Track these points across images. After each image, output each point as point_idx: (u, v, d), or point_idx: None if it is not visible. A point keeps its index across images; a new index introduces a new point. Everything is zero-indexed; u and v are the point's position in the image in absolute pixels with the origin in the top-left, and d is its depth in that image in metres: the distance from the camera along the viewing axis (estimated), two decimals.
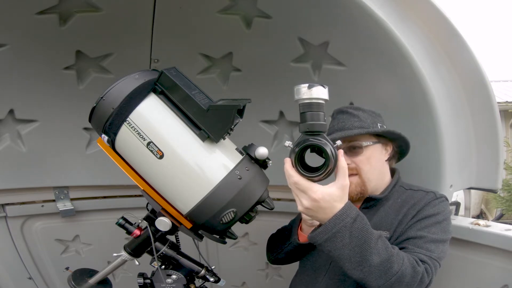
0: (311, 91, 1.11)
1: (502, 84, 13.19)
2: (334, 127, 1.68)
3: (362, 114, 1.67)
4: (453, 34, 1.82)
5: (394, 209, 1.59)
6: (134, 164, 1.28)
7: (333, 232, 1.17)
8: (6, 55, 1.93)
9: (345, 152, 1.59)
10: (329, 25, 1.89)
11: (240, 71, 2.25)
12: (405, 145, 1.72)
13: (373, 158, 1.63)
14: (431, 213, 1.51)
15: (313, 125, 1.12)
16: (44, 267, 2.60)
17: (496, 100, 1.97)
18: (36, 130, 2.25)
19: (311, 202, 1.14)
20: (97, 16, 1.90)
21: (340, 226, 1.16)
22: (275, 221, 1.88)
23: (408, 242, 1.44)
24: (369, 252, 1.20)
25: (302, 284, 1.71)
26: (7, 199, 2.39)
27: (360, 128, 1.62)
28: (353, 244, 1.18)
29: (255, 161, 1.27)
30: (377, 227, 1.55)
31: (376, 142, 1.65)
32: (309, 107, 1.12)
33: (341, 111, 1.71)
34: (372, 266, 1.21)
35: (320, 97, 1.12)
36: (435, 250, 1.42)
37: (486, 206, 9.82)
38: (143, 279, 1.46)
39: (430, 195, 1.59)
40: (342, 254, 1.20)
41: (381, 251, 1.22)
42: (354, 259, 1.20)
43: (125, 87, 1.22)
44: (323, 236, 1.18)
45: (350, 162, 1.58)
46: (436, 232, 1.47)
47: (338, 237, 1.17)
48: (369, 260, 1.20)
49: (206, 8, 1.95)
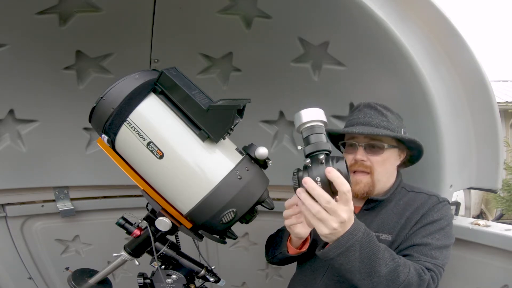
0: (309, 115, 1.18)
1: (502, 84, 13.19)
2: (360, 119, 1.65)
3: (390, 115, 1.66)
4: (453, 34, 1.82)
5: (397, 211, 1.59)
6: (134, 164, 1.28)
7: (347, 247, 1.20)
8: (6, 55, 1.93)
9: (364, 148, 1.60)
10: (329, 25, 1.89)
11: (240, 71, 2.25)
12: (417, 156, 1.72)
13: (388, 161, 1.63)
14: (435, 219, 1.52)
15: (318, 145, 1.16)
16: (44, 267, 2.60)
17: (496, 100, 1.98)
18: (36, 130, 2.25)
19: (338, 224, 1.15)
20: (97, 16, 1.90)
21: (353, 241, 1.20)
22: (275, 221, 1.87)
23: (413, 249, 1.46)
24: (377, 263, 1.24)
25: (301, 285, 1.71)
26: (7, 199, 2.39)
27: (387, 129, 1.60)
28: (363, 257, 1.22)
29: (255, 161, 1.26)
30: (379, 229, 1.55)
31: (395, 147, 1.65)
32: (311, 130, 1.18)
33: (370, 105, 1.68)
34: (381, 277, 1.25)
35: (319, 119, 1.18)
36: (440, 257, 1.45)
37: (486, 206, 9.81)
38: (143, 279, 1.46)
39: (433, 199, 1.59)
40: (353, 267, 1.23)
41: (388, 262, 1.27)
42: (364, 271, 1.24)
43: (125, 87, 1.22)
44: (336, 251, 1.21)
45: (366, 159, 1.60)
46: (440, 238, 1.49)
47: (350, 251, 1.21)
48: (378, 271, 1.24)
49: (206, 8, 1.95)
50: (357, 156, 1.61)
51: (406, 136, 1.63)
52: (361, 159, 1.60)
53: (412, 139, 1.63)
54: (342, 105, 2.17)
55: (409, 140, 1.63)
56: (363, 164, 1.61)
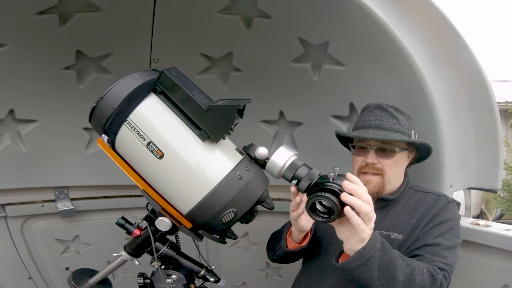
0: (280, 157, 1.22)
1: (502, 84, 13.18)
2: (371, 122, 1.63)
3: (401, 117, 1.64)
4: (453, 34, 1.82)
5: (406, 211, 1.61)
6: (134, 164, 1.28)
7: (367, 258, 1.25)
8: (6, 55, 1.93)
9: (376, 151, 1.60)
10: (329, 25, 1.89)
11: (240, 71, 2.25)
12: (425, 156, 1.73)
13: (398, 163, 1.64)
14: (445, 219, 1.55)
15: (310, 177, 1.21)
16: (44, 267, 2.60)
17: (496, 100, 1.97)
18: (36, 130, 2.25)
19: (370, 231, 1.24)
20: (97, 16, 1.90)
21: (373, 252, 1.26)
22: (275, 221, 1.88)
23: (425, 249, 1.50)
24: (396, 270, 1.30)
25: (307, 283, 1.71)
26: (7, 199, 2.39)
27: (398, 132, 1.60)
28: (381, 265, 1.28)
29: (255, 161, 1.26)
30: (389, 229, 1.58)
31: (405, 149, 1.65)
32: (292, 168, 1.22)
33: (380, 107, 1.66)
34: (399, 282, 1.31)
35: (288, 157, 1.22)
36: (450, 256, 1.49)
37: (486, 206, 9.81)
38: (143, 279, 1.46)
39: (442, 199, 1.61)
40: (372, 276, 1.29)
41: (404, 267, 1.33)
42: (382, 277, 1.29)
43: (125, 87, 1.22)
44: (357, 262, 1.26)
45: (376, 162, 1.60)
46: (450, 238, 1.52)
47: (371, 261, 1.26)
48: (396, 277, 1.30)
49: (206, 8, 1.95)
50: (368, 159, 1.61)
51: (418, 140, 1.62)
52: (373, 162, 1.60)
53: (424, 142, 1.62)
54: (342, 105, 2.17)
55: (420, 144, 1.63)
56: (374, 167, 1.61)
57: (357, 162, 1.65)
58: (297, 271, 1.85)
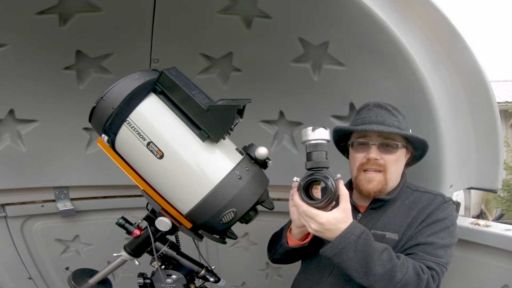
0: (314, 133, 1.30)
1: (502, 84, 13.17)
2: (372, 118, 1.64)
3: (399, 115, 1.66)
4: (453, 34, 1.82)
5: (403, 211, 1.60)
6: (134, 164, 1.28)
7: (339, 248, 1.33)
8: (6, 55, 1.93)
9: (378, 147, 1.59)
10: (329, 25, 1.89)
11: (240, 71, 2.25)
12: (419, 157, 1.73)
13: (399, 160, 1.64)
14: (440, 218, 1.54)
15: (317, 163, 1.29)
16: (44, 267, 2.60)
17: (496, 100, 1.97)
18: (36, 130, 2.25)
19: (318, 225, 1.32)
20: (97, 16, 1.90)
21: (345, 243, 1.33)
22: (275, 221, 1.88)
23: (418, 248, 1.49)
24: (373, 264, 1.34)
25: (306, 283, 1.71)
26: (7, 199, 2.39)
27: (399, 129, 1.61)
28: (358, 258, 1.34)
29: (255, 161, 1.27)
30: (384, 228, 1.57)
31: (405, 146, 1.66)
32: (314, 147, 1.30)
33: (380, 105, 1.67)
34: (377, 276, 1.34)
35: (323, 138, 1.31)
36: (444, 256, 1.48)
37: (486, 206, 9.81)
38: (143, 279, 1.46)
39: (438, 199, 1.60)
40: (349, 266, 1.36)
41: (385, 262, 1.35)
42: (360, 270, 1.35)
43: (125, 87, 1.22)
44: (331, 251, 1.35)
45: (379, 158, 1.59)
46: (444, 237, 1.51)
47: (344, 252, 1.34)
48: (373, 271, 1.34)
49: (206, 8, 1.95)
50: (371, 155, 1.60)
51: (420, 136, 1.63)
52: (375, 157, 1.60)
53: (424, 139, 1.63)
54: (342, 105, 2.17)
55: (421, 140, 1.63)
56: (376, 163, 1.60)
57: (358, 159, 1.63)
58: (297, 271, 1.86)
